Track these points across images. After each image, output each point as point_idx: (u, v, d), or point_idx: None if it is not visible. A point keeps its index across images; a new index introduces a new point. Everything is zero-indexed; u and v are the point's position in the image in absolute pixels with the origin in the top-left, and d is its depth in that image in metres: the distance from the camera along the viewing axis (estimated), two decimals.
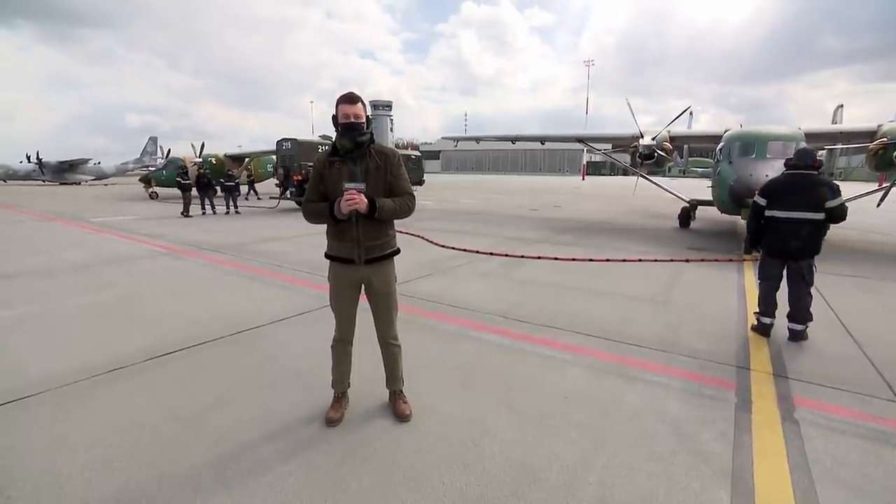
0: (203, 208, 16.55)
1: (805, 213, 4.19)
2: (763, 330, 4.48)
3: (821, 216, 4.18)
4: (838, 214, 4.21)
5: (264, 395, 3.29)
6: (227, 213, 16.56)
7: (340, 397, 3.05)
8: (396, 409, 3.02)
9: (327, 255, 2.83)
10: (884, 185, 11.37)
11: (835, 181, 4.46)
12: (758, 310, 4.55)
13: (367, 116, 2.70)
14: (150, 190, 24.12)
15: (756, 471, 2.49)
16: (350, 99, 2.64)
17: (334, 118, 2.67)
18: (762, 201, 4.43)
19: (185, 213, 15.72)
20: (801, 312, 4.32)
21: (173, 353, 4.02)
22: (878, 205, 10.80)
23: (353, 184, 2.55)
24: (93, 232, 11.77)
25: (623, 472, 2.48)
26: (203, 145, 25.82)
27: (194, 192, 16.70)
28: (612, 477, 2.43)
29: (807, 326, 4.36)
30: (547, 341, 4.33)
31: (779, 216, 4.30)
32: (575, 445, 2.71)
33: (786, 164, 4.50)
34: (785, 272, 4.41)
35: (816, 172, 4.33)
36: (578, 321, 4.88)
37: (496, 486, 2.36)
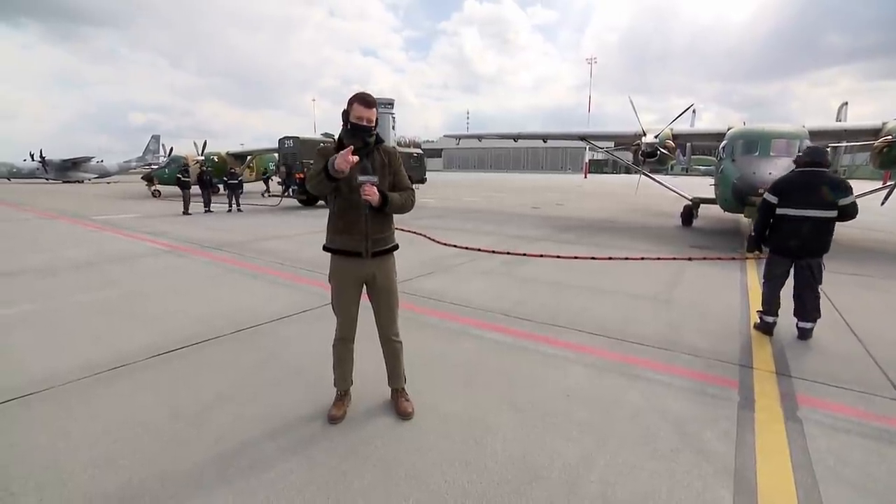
0: (206, 206, 16.56)
1: (818, 211, 4.15)
2: (766, 328, 4.46)
3: (833, 214, 4.15)
4: (850, 212, 4.19)
5: (266, 393, 3.29)
6: (230, 210, 16.58)
7: (342, 395, 3.05)
8: (398, 407, 3.03)
9: (330, 249, 2.82)
10: (888, 184, 11.33)
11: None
12: (761, 308, 4.53)
13: (376, 118, 2.71)
14: (153, 188, 24.20)
15: (759, 470, 2.48)
16: (367, 102, 2.66)
17: (345, 114, 2.68)
18: (773, 199, 4.36)
19: (186, 211, 15.75)
20: (811, 311, 4.30)
21: (175, 350, 4.03)
22: (883, 203, 10.76)
23: (366, 177, 2.57)
24: (95, 230, 11.81)
25: (625, 470, 2.47)
26: (205, 144, 25.89)
27: (196, 189, 16.74)
28: (614, 475, 2.43)
29: (815, 324, 4.34)
30: (549, 339, 4.32)
31: (791, 214, 4.25)
32: (577, 444, 2.70)
33: (796, 162, 4.46)
34: (791, 271, 4.39)
35: (827, 170, 4.30)
36: (580, 319, 4.87)
37: (498, 484, 2.36)
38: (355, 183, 2.56)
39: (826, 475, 2.43)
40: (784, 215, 4.30)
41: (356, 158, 2.51)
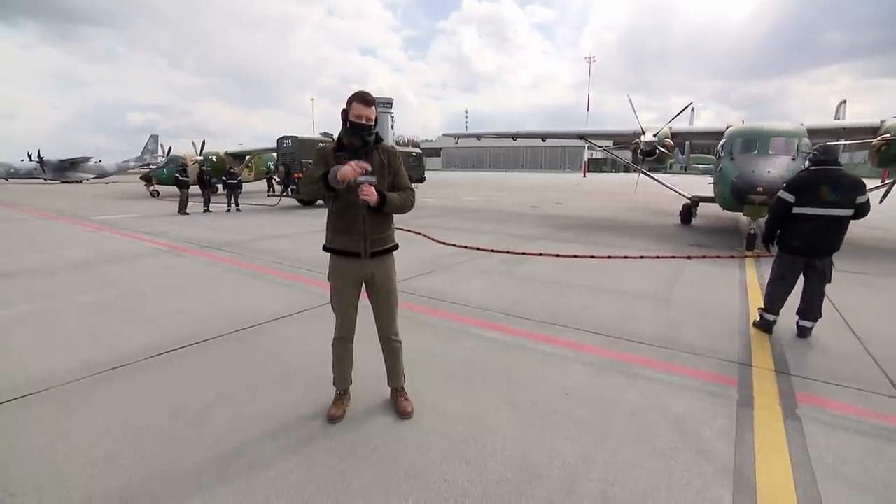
0: (205, 206, 16.52)
1: (836, 210, 4.13)
2: (766, 326, 4.47)
3: (850, 212, 4.15)
4: (866, 210, 4.21)
5: (266, 393, 3.29)
6: (228, 210, 16.55)
7: (342, 395, 3.05)
8: (398, 406, 3.03)
9: (329, 249, 2.83)
10: (886, 182, 11.35)
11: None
12: (763, 306, 4.53)
13: (375, 117, 2.71)
14: (151, 188, 24.17)
15: (758, 468, 2.49)
16: (366, 101, 2.65)
17: (345, 113, 2.67)
18: (790, 198, 4.28)
19: (182, 210, 15.70)
20: (815, 310, 4.31)
21: (175, 350, 4.03)
22: (881, 201, 10.77)
23: (364, 177, 2.55)
24: (94, 230, 11.79)
25: (624, 469, 2.48)
26: (203, 143, 25.83)
27: (195, 189, 16.70)
28: (613, 474, 2.43)
29: (815, 323, 4.35)
30: (548, 338, 4.33)
31: (809, 213, 4.19)
32: (576, 442, 2.71)
33: (812, 160, 4.42)
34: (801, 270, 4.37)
35: (842, 167, 4.29)
36: (580, 318, 4.88)
37: (498, 483, 2.36)
38: (353, 183, 2.55)
39: (825, 473, 2.44)
40: (801, 214, 4.23)
41: (367, 165, 2.50)
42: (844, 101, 15.96)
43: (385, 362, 3.08)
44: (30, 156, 41.14)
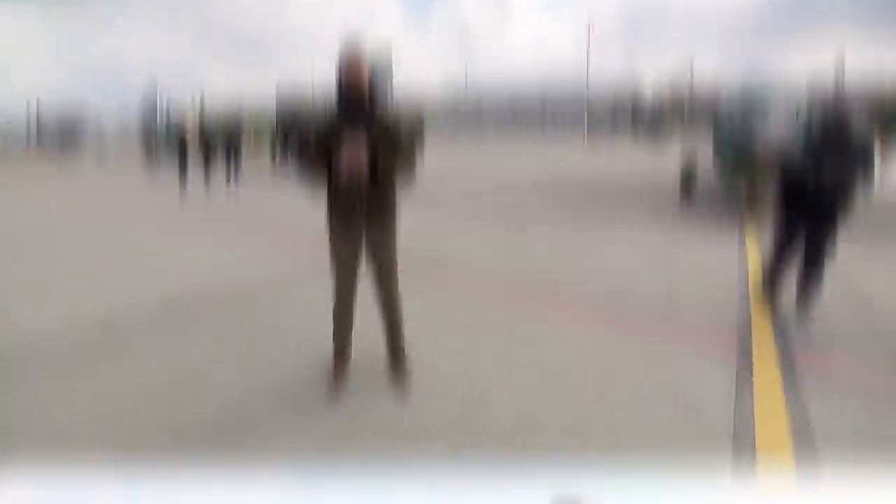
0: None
1: (847, 174, 4.01)
2: (767, 292, 4.43)
3: (859, 176, 4.05)
4: (873, 173, 4.13)
5: (263, 359, 3.29)
6: (228, 182, 16.00)
7: (342, 359, 3.03)
8: (398, 369, 3.01)
9: (327, 213, 2.79)
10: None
11: None
12: (765, 272, 4.48)
13: (368, 77, 2.59)
14: (152, 154, 23.48)
15: (757, 434, 2.49)
16: (353, 59, 2.54)
17: (335, 75, 2.57)
18: (802, 163, 4.12)
19: (183, 186, 14.96)
20: (819, 276, 4.27)
21: (172, 316, 4.02)
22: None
23: (354, 141, 2.47)
24: (92, 198, 11.68)
25: (624, 437, 2.48)
26: (203, 96, 24.76)
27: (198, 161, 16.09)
28: (613, 442, 2.44)
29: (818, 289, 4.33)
30: (549, 304, 4.32)
31: (820, 177, 4.02)
32: (575, 408, 2.71)
33: (820, 124, 4.26)
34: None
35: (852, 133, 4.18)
36: (580, 286, 4.85)
37: (499, 445, 2.37)
38: (345, 147, 2.47)
39: (824, 439, 2.44)
40: (811, 178, 4.04)
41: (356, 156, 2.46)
42: (844, 54, 15.56)
43: (385, 326, 3.05)
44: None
